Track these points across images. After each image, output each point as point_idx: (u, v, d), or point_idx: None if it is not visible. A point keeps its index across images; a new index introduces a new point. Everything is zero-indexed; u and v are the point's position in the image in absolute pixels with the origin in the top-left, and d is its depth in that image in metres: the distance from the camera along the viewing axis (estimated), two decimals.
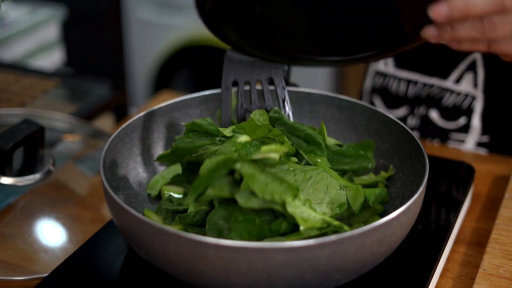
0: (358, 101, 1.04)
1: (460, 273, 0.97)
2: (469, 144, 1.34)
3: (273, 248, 0.75)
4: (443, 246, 0.94)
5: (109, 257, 0.92)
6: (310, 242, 0.75)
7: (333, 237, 0.75)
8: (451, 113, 1.34)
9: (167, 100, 1.05)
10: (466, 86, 1.31)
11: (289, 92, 1.06)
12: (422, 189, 0.84)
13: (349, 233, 0.76)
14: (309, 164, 0.94)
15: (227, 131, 0.93)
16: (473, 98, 1.31)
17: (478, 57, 1.28)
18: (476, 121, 1.32)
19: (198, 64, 2.69)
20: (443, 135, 1.36)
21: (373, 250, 0.80)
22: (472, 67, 1.29)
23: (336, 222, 0.84)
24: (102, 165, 0.89)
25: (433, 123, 1.36)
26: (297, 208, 0.83)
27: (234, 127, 0.94)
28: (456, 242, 1.03)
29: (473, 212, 1.10)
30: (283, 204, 0.82)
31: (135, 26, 2.63)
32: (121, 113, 1.38)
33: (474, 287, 0.91)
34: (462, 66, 1.30)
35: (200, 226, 0.89)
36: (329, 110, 1.06)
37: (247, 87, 1.01)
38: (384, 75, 1.42)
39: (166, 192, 0.98)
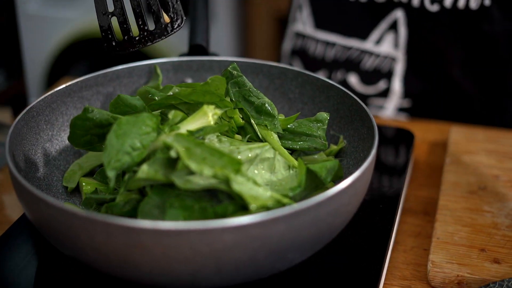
0: (289, 67, 0.95)
1: (412, 245, 0.90)
2: (389, 110, 1.28)
3: (220, 228, 0.64)
4: (394, 217, 0.87)
5: (18, 265, 0.80)
6: (261, 217, 0.65)
7: (286, 210, 0.66)
8: (370, 77, 1.28)
9: (52, 88, 0.92)
10: (387, 47, 1.24)
11: (210, 62, 0.96)
12: (374, 151, 0.76)
13: (303, 203, 0.67)
14: (255, 140, 0.84)
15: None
16: (393, 59, 1.25)
17: (400, 15, 1.21)
18: (396, 85, 1.26)
19: (93, 58, 2.54)
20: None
21: (328, 222, 0.71)
22: (393, 26, 1.23)
23: (286, 200, 0.74)
24: (8, 153, 0.77)
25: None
26: (243, 185, 0.73)
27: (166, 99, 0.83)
28: (402, 212, 0.96)
29: (414, 179, 1.03)
30: (227, 181, 0.72)
31: (24, 20, 2.46)
32: (19, 106, 1.25)
33: (430, 257, 0.84)
34: (383, 25, 1.23)
35: (130, 217, 0.77)
36: (256, 79, 0.96)
37: None
38: (303, 36, 1.34)
39: (85, 184, 0.86)
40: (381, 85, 1.27)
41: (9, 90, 1.20)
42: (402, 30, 1.22)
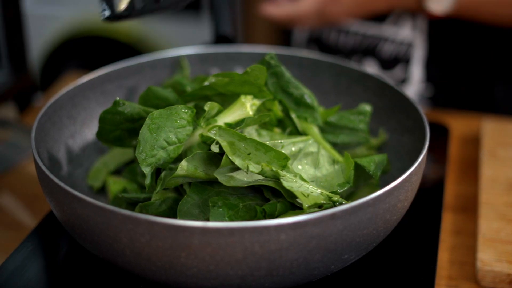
0: (321, 57, 0.90)
1: (454, 242, 0.85)
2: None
3: (276, 227, 0.59)
4: (440, 215, 0.82)
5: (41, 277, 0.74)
6: (319, 214, 0.60)
7: (344, 207, 0.61)
8: (387, 63, 1.24)
9: (74, 81, 0.87)
10: (406, 30, 1.20)
11: (238, 53, 0.91)
12: (427, 143, 0.72)
13: (362, 200, 0.62)
14: (295, 134, 0.79)
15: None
16: (411, 45, 1.20)
17: None
18: (415, 71, 1.22)
19: (86, 56, 2.48)
20: None
21: (385, 219, 0.66)
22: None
23: (336, 197, 0.69)
24: (35, 149, 0.71)
25: None
26: (293, 182, 0.68)
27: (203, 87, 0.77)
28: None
29: (450, 175, 0.99)
30: (275, 178, 0.67)
31: None
32: (24, 102, 1.19)
33: (479, 256, 0.80)
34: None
35: (168, 217, 0.71)
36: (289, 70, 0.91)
37: None
38: None
39: (112, 183, 0.80)
40: (398, 72, 1.23)
41: (15, 87, 1.14)
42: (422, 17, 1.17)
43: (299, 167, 0.73)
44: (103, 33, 2.40)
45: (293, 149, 0.73)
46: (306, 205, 0.65)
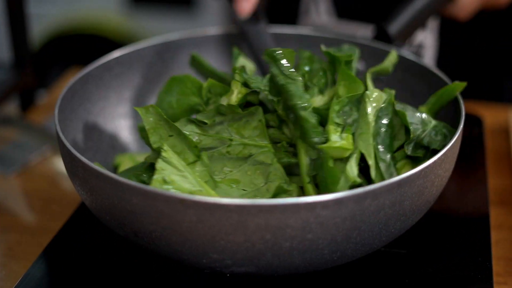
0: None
1: (496, 238, 0.81)
2: None
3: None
4: (488, 210, 0.79)
5: None
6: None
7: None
8: None
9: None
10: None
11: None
12: (463, 112, 0.70)
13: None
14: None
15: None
16: (422, 46, 1.17)
17: None
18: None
19: (74, 54, 2.42)
20: None
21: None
22: None
23: None
24: (58, 124, 0.68)
25: None
26: None
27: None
28: None
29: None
30: None
31: None
32: (26, 100, 1.13)
33: None
34: None
35: None
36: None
37: None
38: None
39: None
40: None
41: (18, 84, 1.08)
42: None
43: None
44: (91, 31, 2.35)
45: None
46: None
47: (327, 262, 0.62)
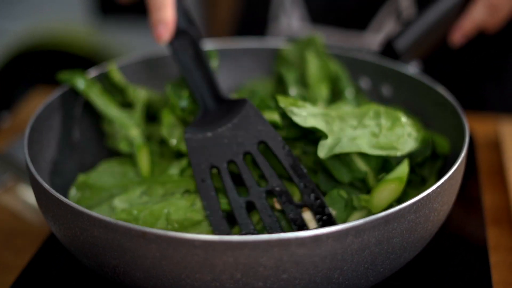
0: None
1: (494, 260, 0.76)
2: None
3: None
4: (485, 229, 0.74)
5: None
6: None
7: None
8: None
9: (41, 99, 0.79)
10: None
11: None
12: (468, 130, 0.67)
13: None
14: None
15: None
16: None
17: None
18: None
19: (37, 73, 2.33)
20: None
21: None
22: (397, 10, 1.11)
23: None
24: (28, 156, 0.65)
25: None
26: None
27: None
28: None
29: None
30: None
31: None
32: None
33: None
34: (384, 11, 1.11)
35: None
36: None
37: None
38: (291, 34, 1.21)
39: None
40: None
41: None
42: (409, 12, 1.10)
43: None
44: (57, 46, 2.27)
45: None
46: None
47: None
